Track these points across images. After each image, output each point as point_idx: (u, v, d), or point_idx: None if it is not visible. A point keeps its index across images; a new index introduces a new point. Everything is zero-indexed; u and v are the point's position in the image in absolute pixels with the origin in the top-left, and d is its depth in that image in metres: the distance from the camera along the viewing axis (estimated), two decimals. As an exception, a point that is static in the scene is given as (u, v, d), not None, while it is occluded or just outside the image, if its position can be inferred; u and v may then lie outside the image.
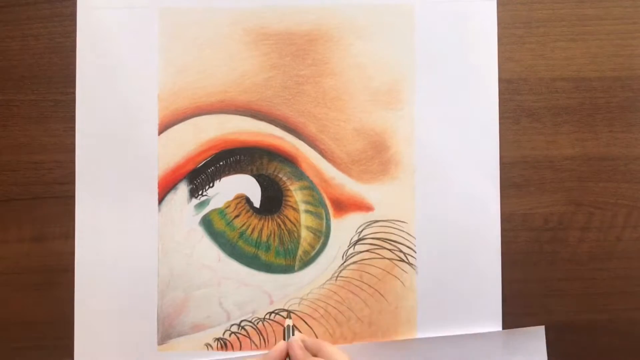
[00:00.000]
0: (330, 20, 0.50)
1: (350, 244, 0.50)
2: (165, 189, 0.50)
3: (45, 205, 0.50)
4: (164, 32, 0.50)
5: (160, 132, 0.50)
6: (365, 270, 0.50)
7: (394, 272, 0.50)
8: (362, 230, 0.50)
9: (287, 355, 0.46)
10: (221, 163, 0.50)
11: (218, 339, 0.50)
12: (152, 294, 0.50)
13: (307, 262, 0.50)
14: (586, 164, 0.50)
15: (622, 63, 0.51)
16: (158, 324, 0.50)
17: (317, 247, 0.50)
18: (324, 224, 0.50)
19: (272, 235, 0.50)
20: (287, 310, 0.50)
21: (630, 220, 0.50)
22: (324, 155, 0.50)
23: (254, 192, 0.50)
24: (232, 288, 0.50)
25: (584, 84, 0.51)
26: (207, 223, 0.50)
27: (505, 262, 0.50)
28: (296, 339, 0.46)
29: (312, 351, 0.46)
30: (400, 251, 0.50)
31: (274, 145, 0.50)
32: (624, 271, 0.50)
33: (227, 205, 0.50)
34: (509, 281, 0.50)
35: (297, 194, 0.50)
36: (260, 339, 0.50)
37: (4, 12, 0.51)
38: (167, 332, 0.50)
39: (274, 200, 0.50)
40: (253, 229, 0.50)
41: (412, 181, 0.50)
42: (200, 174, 0.50)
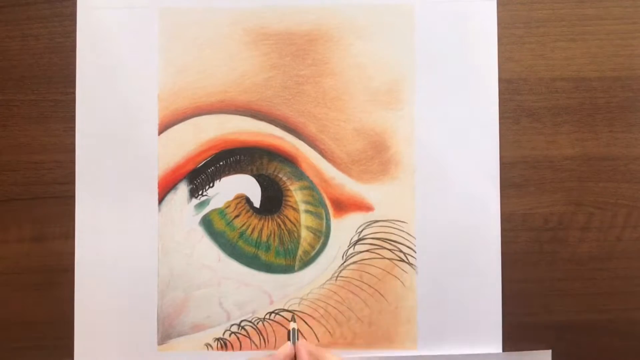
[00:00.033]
0: (330, 20, 0.50)
1: (350, 244, 0.50)
2: (165, 189, 0.50)
3: (45, 205, 0.50)
4: (164, 32, 0.50)
5: (160, 132, 0.50)
6: (365, 270, 0.50)
7: (394, 272, 0.50)
8: (362, 230, 0.50)
9: (294, 358, 0.46)
10: (221, 163, 0.50)
11: (218, 339, 0.50)
12: (152, 294, 0.50)
13: (307, 262, 0.50)
14: (586, 164, 0.50)
15: (622, 63, 0.51)
16: (158, 324, 0.50)
17: (317, 247, 0.50)
18: (324, 224, 0.50)
19: (272, 235, 0.50)
20: (291, 312, 0.50)
21: (630, 220, 0.50)
22: (324, 155, 0.50)
23: (254, 192, 0.50)
24: (232, 288, 0.50)
25: (584, 84, 0.51)
26: (207, 223, 0.50)
27: (505, 262, 0.50)
28: (305, 344, 0.47)
29: (313, 358, 0.46)
30: (400, 251, 0.50)
31: (274, 145, 0.50)
32: (624, 271, 0.50)
33: (227, 205, 0.50)
34: (509, 281, 0.50)
35: (297, 194, 0.50)
36: (260, 339, 0.50)
37: (4, 12, 0.51)
38: (167, 332, 0.50)
39: (274, 200, 0.50)
40: (253, 229, 0.50)
41: (412, 181, 0.50)
42: (200, 174, 0.50)
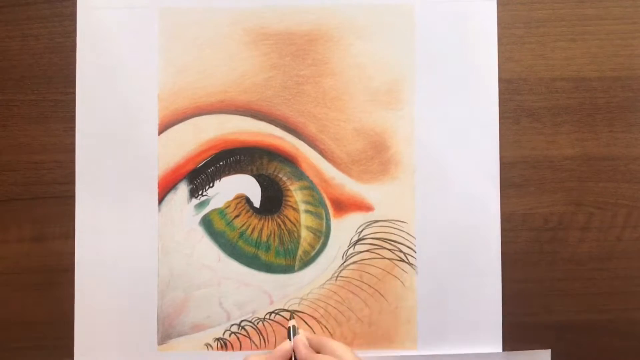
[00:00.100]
0: (330, 20, 0.50)
1: (350, 244, 0.50)
2: (165, 189, 0.50)
3: (45, 205, 0.50)
4: (164, 32, 0.50)
5: (160, 132, 0.50)
6: (365, 270, 0.50)
7: (394, 272, 0.50)
8: (362, 230, 0.50)
9: (292, 355, 0.46)
10: (221, 163, 0.50)
11: (218, 339, 0.50)
12: (152, 294, 0.50)
13: (307, 262, 0.50)
14: (586, 164, 0.50)
15: (622, 63, 0.51)
16: (158, 324, 0.50)
17: (317, 247, 0.50)
18: (324, 224, 0.50)
19: (272, 235, 0.50)
20: (290, 311, 0.50)
21: (630, 220, 0.50)
22: (324, 155, 0.50)
23: (254, 192, 0.50)
24: (232, 288, 0.50)
25: (584, 84, 0.51)
26: (207, 223, 0.50)
27: (505, 262, 0.50)
28: (300, 337, 0.47)
29: (315, 348, 0.46)
30: (400, 251, 0.50)
31: (274, 145, 0.50)
32: (624, 271, 0.50)
33: (227, 205, 0.50)
34: (509, 281, 0.50)
35: (297, 194, 0.50)
36: (260, 339, 0.50)
37: (4, 12, 0.51)
38: (167, 332, 0.50)
39: (274, 200, 0.50)
40: (253, 229, 0.50)
41: (412, 181, 0.50)
42: (200, 174, 0.50)
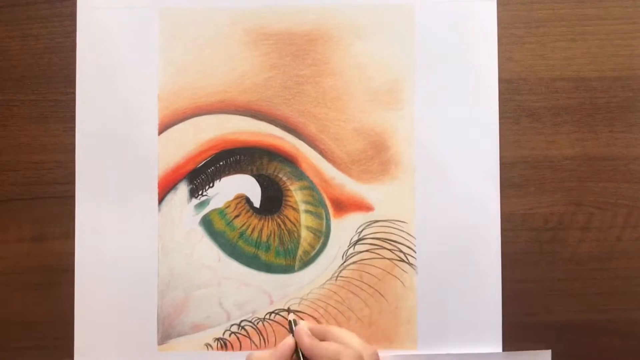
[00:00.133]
0: (330, 20, 0.50)
1: (350, 244, 0.50)
2: (165, 189, 0.50)
3: (45, 205, 0.50)
4: (164, 32, 0.50)
5: (160, 132, 0.50)
6: (365, 270, 0.50)
7: (394, 272, 0.50)
8: (362, 230, 0.50)
9: (297, 348, 0.46)
10: (221, 163, 0.50)
11: (218, 339, 0.50)
12: (152, 294, 0.50)
13: (307, 262, 0.50)
14: (586, 164, 0.50)
15: (622, 63, 0.51)
16: (158, 324, 0.50)
17: (317, 247, 0.50)
18: (324, 224, 0.50)
19: (272, 235, 0.50)
20: (287, 310, 0.50)
21: (630, 220, 0.50)
22: (324, 155, 0.50)
23: (254, 192, 0.50)
24: (232, 288, 0.50)
25: (584, 84, 0.51)
26: (207, 223, 0.50)
27: (505, 262, 0.50)
28: (302, 327, 0.46)
29: (319, 337, 0.46)
30: (400, 251, 0.50)
31: (274, 145, 0.50)
32: (624, 271, 0.50)
33: (227, 205, 0.50)
34: (509, 281, 0.50)
35: (297, 194, 0.50)
36: (260, 339, 0.50)
37: (4, 12, 0.51)
38: (167, 332, 0.50)
39: (274, 200, 0.50)
40: (253, 229, 0.50)
41: (412, 181, 0.50)
42: (200, 174, 0.50)
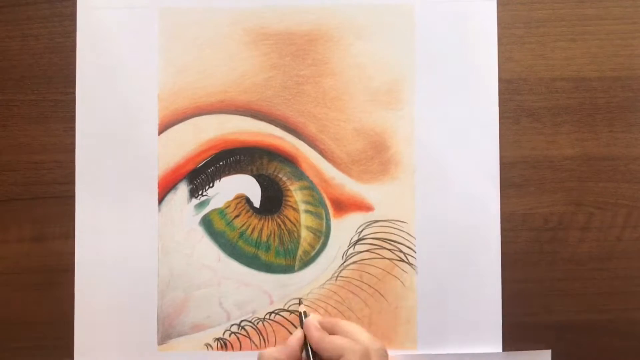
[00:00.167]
0: (330, 20, 0.50)
1: (350, 244, 0.50)
2: (165, 189, 0.50)
3: (45, 205, 0.50)
4: (164, 32, 0.50)
5: (160, 132, 0.50)
6: (365, 270, 0.50)
7: (394, 272, 0.50)
8: (362, 230, 0.50)
9: (305, 342, 0.45)
10: (221, 163, 0.50)
11: (218, 339, 0.50)
12: (152, 294, 0.50)
13: (307, 262, 0.50)
14: (586, 164, 0.50)
15: (622, 63, 0.51)
16: (158, 324, 0.50)
17: (317, 247, 0.50)
18: (324, 224, 0.50)
19: (272, 235, 0.50)
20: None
21: (630, 220, 0.50)
22: (324, 155, 0.50)
23: (254, 192, 0.50)
24: (232, 288, 0.50)
25: (584, 84, 0.51)
26: (207, 223, 0.50)
27: (505, 262, 0.50)
28: (311, 320, 0.45)
29: (328, 330, 0.45)
30: (400, 251, 0.50)
31: (274, 145, 0.50)
32: (624, 271, 0.50)
33: (227, 205, 0.50)
34: (509, 281, 0.50)
35: (297, 194, 0.50)
36: (260, 339, 0.50)
37: (4, 12, 0.51)
38: (167, 332, 0.50)
39: (274, 200, 0.50)
40: (253, 229, 0.50)
41: (412, 181, 0.50)
42: (200, 174, 0.50)
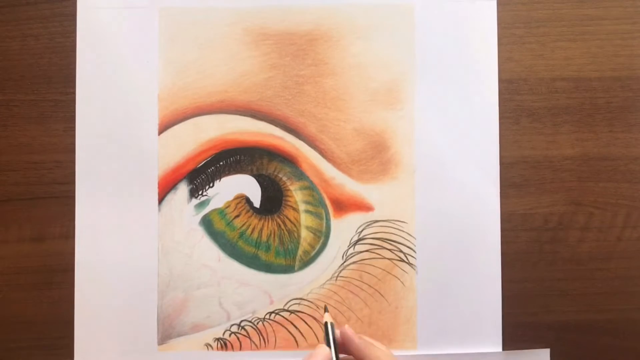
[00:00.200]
0: (330, 20, 0.50)
1: (350, 244, 0.50)
2: (165, 189, 0.50)
3: (45, 205, 0.50)
4: (164, 32, 0.50)
5: (160, 132, 0.50)
6: (365, 270, 0.50)
7: (394, 272, 0.50)
8: (362, 230, 0.50)
9: (333, 355, 0.40)
10: (221, 163, 0.50)
11: (218, 339, 0.50)
12: (152, 294, 0.50)
13: (307, 262, 0.50)
14: (586, 164, 0.50)
15: (622, 63, 0.51)
16: (158, 324, 0.50)
17: (317, 247, 0.50)
18: (324, 224, 0.50)
19: (272, 235, 0.50)
20: (324, 309, 0.46)
21: (630, 220, 0.50)
22: (324, 155, 0.50)
23: (254, 192, 0.50)
24: (232, 288, 0.50)
25: (584, 84, 0.51)
26: (207, 223, 0.50)
27: (505, 262, 0.50)
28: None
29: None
30: (400, 251, 0.50)
31: (274, 145, 0.50)
32: (624, 271, 0.50)
33: (227, 205, 0.50)
34: (508, 281, 0.50)
35: (297, 194, 0.50)
36: (260, 339, 0.50)
37: (4, 12, 0.51)
38: (167, 332, 0.50)
39: (274, 200, 0.50)
40: (253, 229, 0.50)
41: (412, 181, 0.50)
42: (200, 174, 0.50)
